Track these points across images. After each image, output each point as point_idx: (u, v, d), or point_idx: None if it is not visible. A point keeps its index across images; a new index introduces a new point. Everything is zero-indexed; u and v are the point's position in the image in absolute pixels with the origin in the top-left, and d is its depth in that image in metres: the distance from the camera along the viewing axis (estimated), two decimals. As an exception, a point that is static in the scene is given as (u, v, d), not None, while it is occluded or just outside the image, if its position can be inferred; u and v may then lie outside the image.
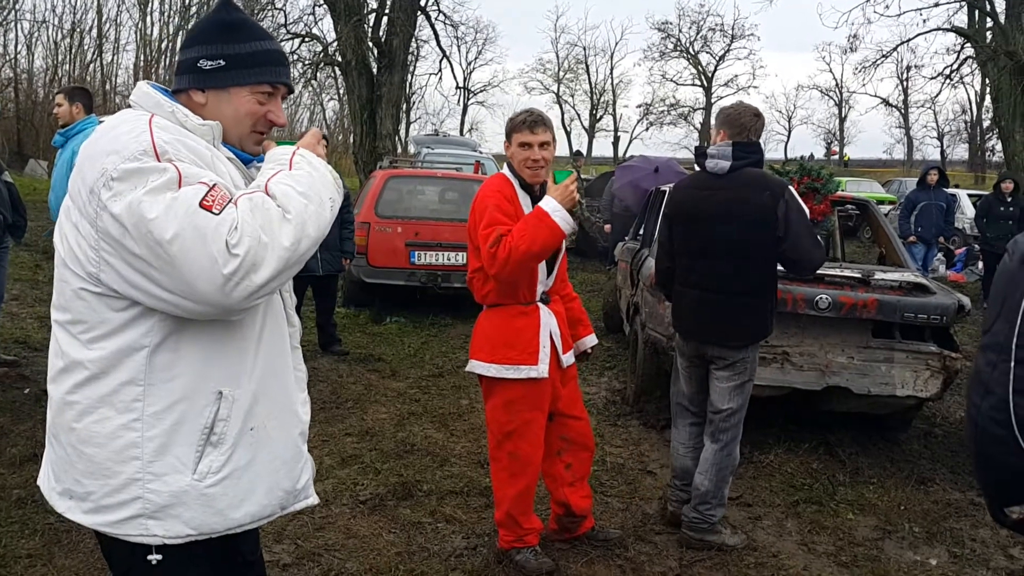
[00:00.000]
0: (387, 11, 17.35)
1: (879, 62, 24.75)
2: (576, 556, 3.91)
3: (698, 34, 58.98)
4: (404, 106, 40.01)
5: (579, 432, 3.90)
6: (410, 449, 5.19)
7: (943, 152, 56.07)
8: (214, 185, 1.68)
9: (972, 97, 49.67)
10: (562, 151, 53.29)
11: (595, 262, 14.41)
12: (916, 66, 47.72)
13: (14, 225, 6.44)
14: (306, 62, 20.17)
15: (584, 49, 65.46)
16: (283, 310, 2.02)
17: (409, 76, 36.10)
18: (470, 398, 6.34)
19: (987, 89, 25.32)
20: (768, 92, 71.28)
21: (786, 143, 66.01)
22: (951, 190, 15.46)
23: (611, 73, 64.79)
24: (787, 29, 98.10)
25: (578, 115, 64.34)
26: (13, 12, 36.17)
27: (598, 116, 63.99)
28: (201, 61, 1.89)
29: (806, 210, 3.94)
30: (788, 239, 3.81)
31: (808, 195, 6.12)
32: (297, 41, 19.75)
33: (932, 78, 24.15)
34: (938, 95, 58.95)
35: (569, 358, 3.84)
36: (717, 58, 59.97)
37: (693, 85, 61.26)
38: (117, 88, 41.09)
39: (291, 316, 2.07)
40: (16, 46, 38.14)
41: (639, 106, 64.98)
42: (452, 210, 9.56)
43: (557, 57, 64.09)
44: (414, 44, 20.59)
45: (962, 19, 21.45)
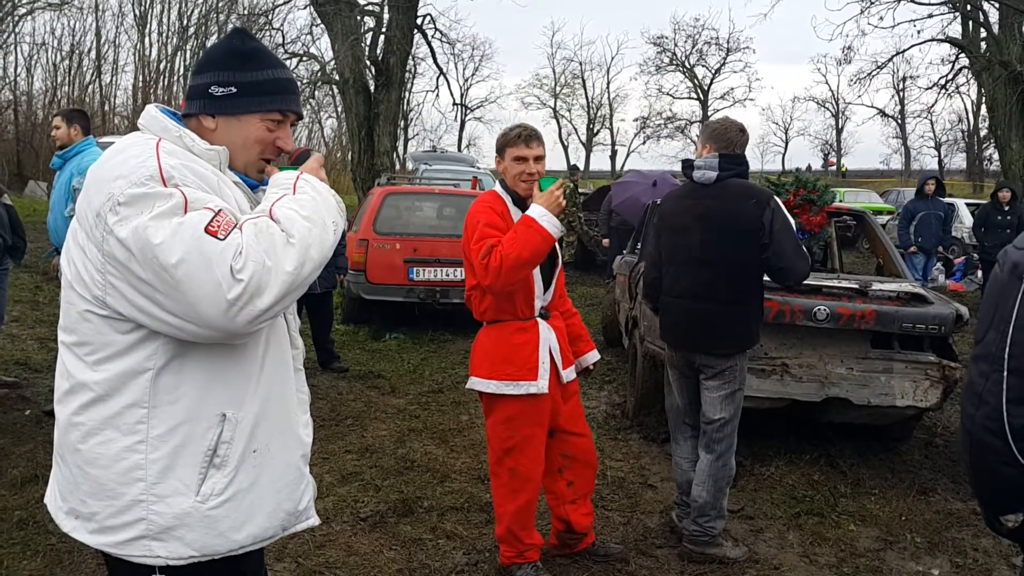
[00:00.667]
0: (384, 30, 17.45)
1: (874, 73, 24.93)
2: (578, 571, 3.91)
3: (694, 48, 59.42)
4: (402, 123, 40.19)
5: (581, 449, 3.90)
6: (410, 466, 5.18)
7: (940, 162, 56.16)
8: (220, 211, 1.70)
9: (968, 107, 49.87)
10: (559, 165, 53.39)
11: (594, 276, 14.43)
12: (912, 77, 48.04)
13: (13, 247, 6.46)
14: (304, 81, 20.26)
15: (580, 64, 65.54)
16: (286, 332, 2.03)
17: (406, 93, 36.17)
18: (470, 414, 6.34)
19: (983, 99, 25.42)
20: (764, 104, 72.06)
21: (783, 155, 66.23)
22: (948, 199, 15.49)
23: (607, 87, 65.23)
24: (782, 41, 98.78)
25: (575, 129, 64.68)
26: (13, 35, 36.38)
27: (595, 130, 64.31)
28: (213, 87, 1.91)
29: (792, 221, 3.99)
30: (772, 247, 3.85)
31: (804, 207, 6.14)
32: (295, 60, 19.87)
33: (928, 88, 24.35)
34: (934, 105, 58.84)
35: (570, 374, 3.83)
36: (713, 71, 60.38)
37: (689, 98, 61.60)
38: (116, 109, 41.31)
39: (294, 338, 2.08)
40: (16, 68, 38.39)
41: (636, 120, 65.34)
42: (450, 226, 9.57)
43: (554, 72, 64.54)
44: (411, 62, 20.69)
45: (956, 30, 21.56)
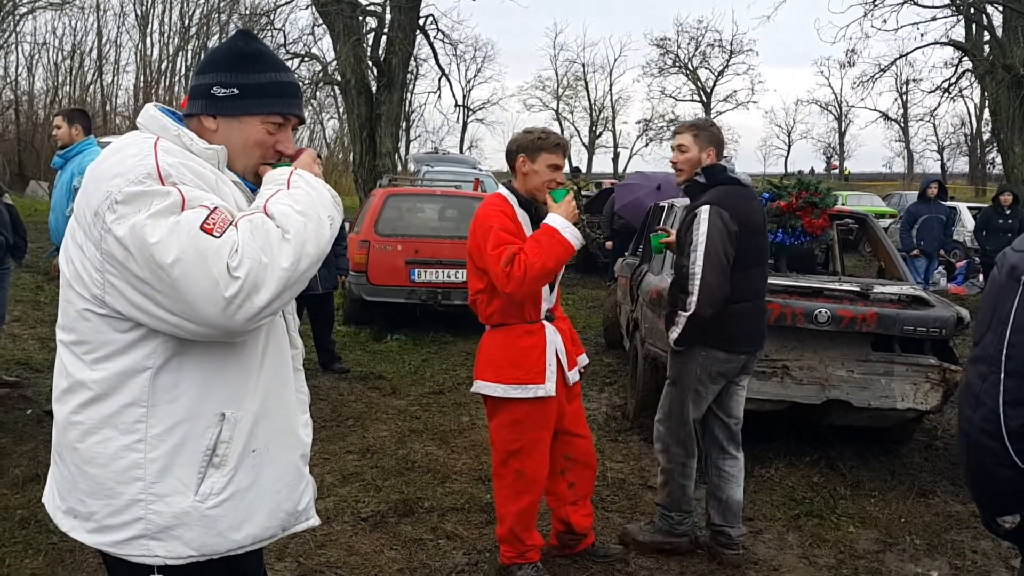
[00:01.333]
0: (386, 30, 17.47)
1: (878, 76, 24.94)
2: (577, 571, 3.91)
3: (697, 50, 59.41)
4: (403, 124, 40.22)
5: (583, 451, 3.90)
6: (411, 466, 5.19)
7: (943, 165, 56.19)
8: (215, 208, 1.69)
9: (971, 110, 49.91)
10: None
11: (595, 278, 14.44)
12: (915, 80, 48.17)
13: (15, 246, 6.47)
14: (305, 81, 20.28)
15: (583, 66, 65.79)
16: (286, 332, 2.03)
17: (408, 94, 36.23)
18: (471, 415, 6.34)
19: (986, 102, 25.40)
20: (767, 107, 71.99)
21: (786, 157, 66.37)
22: (950, 203, 15.49)
23: (610, 89, 65.27)
24: (785, 44, 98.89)
25: (577, 131, 64.66)
26: (14, 34, 36.44)
27: (597, 132, 64.30)
28: (215, 88, 1.91)
29: None
30: None
31: (806, 209, 6.14)
32: (296, 61, 19.89)
33: (931, 92, 24.30)
34: (937, 108, 58.92)
35: (575, 375, 3.84)
36: (716, 74, 60.40)
37: (692, 101, 61.60)
38: (117, 109, 41.35)
39: (294, 338, 2.08)
40: (17, 68, 38.49)
41: (638, 122, 65.17)
42: (452, 227, 9.57)
43: (556, 74, 64.66)
44: (413, 63, 20.68)
45: (960, 33, 21.57)
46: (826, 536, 4.44)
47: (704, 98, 60.38)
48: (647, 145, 63.06)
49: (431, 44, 19.49)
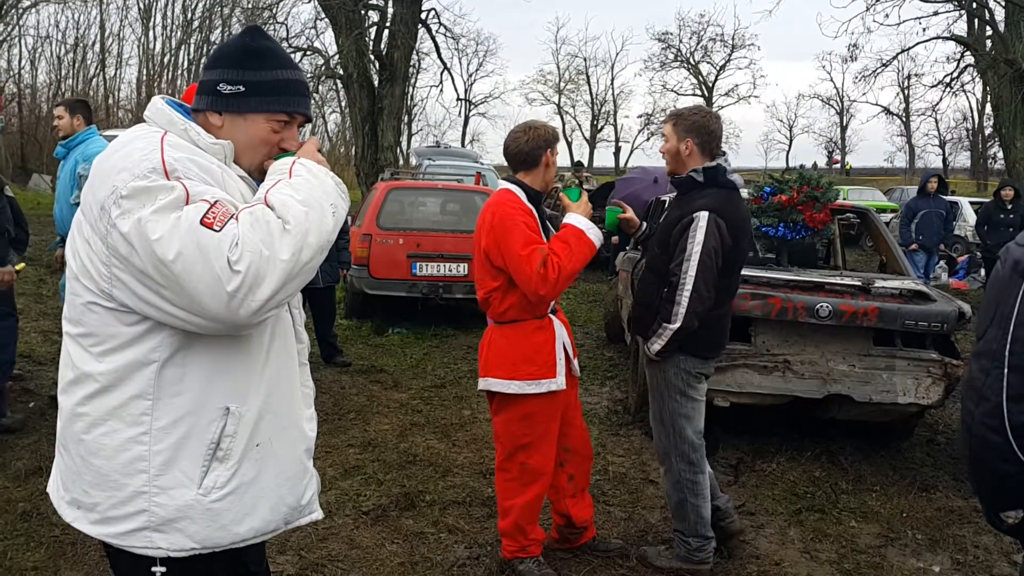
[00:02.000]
0: (388, 24, 17.47)
1: (879, 71, 24.97)
2: (579, 566, 3.92)
3: (698, 44, 59.35)
4: (405, 118, 40.17)
5: (582, 440, 3.92)
6: (412, 460, 5.20)
7: (945, 160, 56.09)
8: (216, 202, 1.68)
9: (973, 105, 49.79)
10: (563, 162, 53.38)
11: (596, 272, 14.42)
12: (917, 74, 48.01)
13: (16, 239, 6.46)
14: (308, 75, 20.24)
15: (585, 60, 65.56)
16: (292, 327, 2.03)
17: (410, 88, 36.24)
18: (472, 409, 6.35)
19: (988, 97, 25.38)
20: (769, 101, 71.80)
21: (787, 152, 66.27)
22: (950, 198, 15.47)
23: (612, 83, 65.54)
24: (787, 38, 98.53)
25: (579, 126, 64.65)
26: (17, 27, 36.41)
27: (599, 126, 64.25)
28: (221, 85, 1.90)
29: None
30: None
31: (808, 204, 6.13)
32: (299, 54, 19.88)
33: (933, 86, 24.44)
34: (939, 103, 59.13)
35: (576, 365, 3.86)
36: (718, 68, 60.34)
37: (694, 95, 61.43)
38: (120, 103, 41.31)
39: (300, 333, 2.08)
40: (20, 61, 38.44)
41: (640, 116, 65.10)
42: (454, 221, 9.58)
43: (558, 68, 64.47)
44: (415, 56, 20.70)
45: (962, 28, 21.55)
46: (828, 531, 4.45)
47: (706, 92, 60.28)
48: (649, 139, 63.03)
49: (433, 38, 19.52)
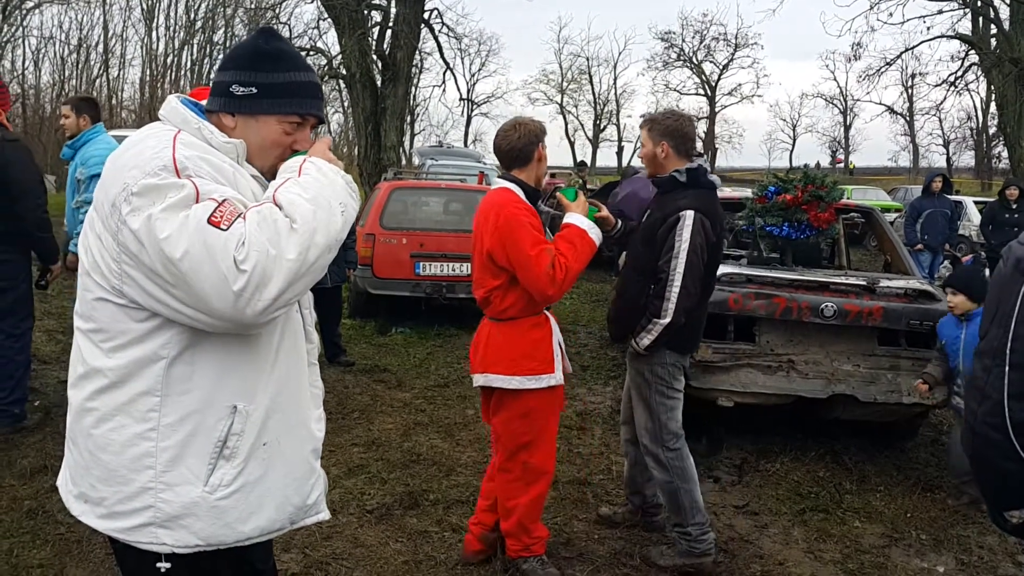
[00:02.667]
0: (391, 24, 17.45)
1: (883, 70, 24.95)
2: (582, 565, 3.93)
3: (701, 43, 59.39)
4: (408, 118, 40.17)
5: None
6: (416, 459, 5.21)
7: (949, 159, 55.98)
8: (224, 200, 1.69)
9: (977, 104, 49.77)
10: (566, 161, 53.41)
11: (599, 271, 14.41)
12: (920, 73, 47.98)
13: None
14: (312, 76, 20.25)
15: (587, 59, 65.63)
16: (302, 326, 2.03)
17: (413, 88, 36.19)
18: (475, 408, 6.34)
19: (992, 96, 25.33)
20: (772, 101, 71.79)
21: (791, 151, 66.27)
22: (955, 197, 15.43)
23: (615, 83, 65.26)
24: (791, 38, 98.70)
25: (582, 125, 64.68)
26: (20, 28, 36.51)
27: (602, 126, 64.23)
28: (234, 86, 1.91)
29: None
30: None
31: (812, 203, 6.13)
32: (302, 55, 19.86)
33: (937, 85, 24.35)
34: (943, 102, 58.79)
35: (568, 364, 3.87)
36: (721, 67, 60.38)
37: (697, 94, 61.62)
38: (123, 103, 41.38)
39: (309, 333, 2.08)
40: (23, 62, 38.57)
41: (643, 116, 64.97)
42: (457, 221, 9.57)
43: (560, 68, 64.55)
44: (418, 56, 20.67)
45: (966, 26, 21.53)
46: (832, 530, 4.45)
47: (709, 92, 60.33)
48: (651, 139, 62.85)
49: (436, 38, 19.50)
